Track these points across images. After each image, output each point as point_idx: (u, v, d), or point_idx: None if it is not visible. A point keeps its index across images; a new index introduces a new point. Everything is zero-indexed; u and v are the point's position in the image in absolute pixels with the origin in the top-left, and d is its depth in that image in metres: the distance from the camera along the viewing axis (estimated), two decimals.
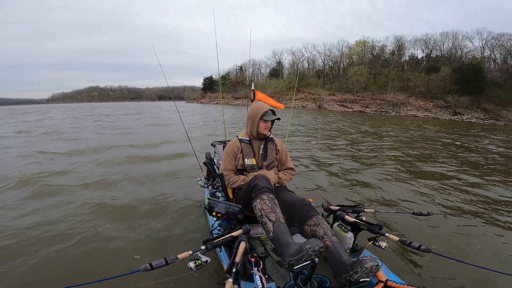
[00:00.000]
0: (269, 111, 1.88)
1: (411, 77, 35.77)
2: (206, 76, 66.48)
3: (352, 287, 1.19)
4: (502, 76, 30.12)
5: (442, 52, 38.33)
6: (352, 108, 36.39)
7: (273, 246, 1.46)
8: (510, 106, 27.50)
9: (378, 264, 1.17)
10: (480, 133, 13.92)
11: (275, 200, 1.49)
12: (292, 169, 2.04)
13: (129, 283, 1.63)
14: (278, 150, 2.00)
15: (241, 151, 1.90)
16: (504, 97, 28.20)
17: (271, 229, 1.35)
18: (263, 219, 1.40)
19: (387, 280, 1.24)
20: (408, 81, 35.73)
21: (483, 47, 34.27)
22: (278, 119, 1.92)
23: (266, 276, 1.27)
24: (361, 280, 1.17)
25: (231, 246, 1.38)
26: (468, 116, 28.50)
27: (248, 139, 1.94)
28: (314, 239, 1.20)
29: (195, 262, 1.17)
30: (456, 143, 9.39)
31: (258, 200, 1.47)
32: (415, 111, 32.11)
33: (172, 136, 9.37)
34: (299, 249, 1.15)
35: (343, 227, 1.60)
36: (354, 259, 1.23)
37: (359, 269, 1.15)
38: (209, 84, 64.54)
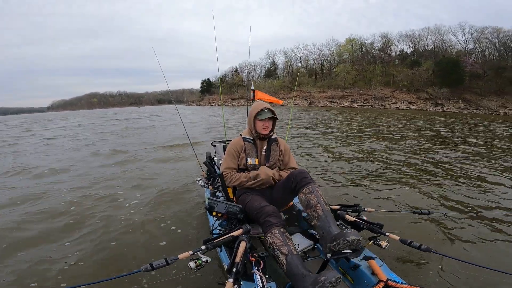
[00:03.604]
0: (265, 110, 1.82)
1: (395, 72, 37.51)
2: (203, 79, 67.81)
3: (334, 256, 1.32)
4: (481, 68, 31.45)
5: (428, 47, 39.33)
6: (340, 104, 38.23)
7: None
8: (490, 96, 29.17)
9: (359, 239, 1.25)
10: None
11: (287, 234, 1.46)
12: (295, 169, 1.98)
13: (130, 284, 1.63)
14: (281, 150, 1.95)
15: (245, 150, 1.87)
16: (485, 88, 30.06)
17: (284, 262, 1.32)
18: (275, 252, 1.37)
19: (388, 279, 1.24)
20: (393, 76, 37.43)
21: (467, 40, 35.36)
22: (275, 117, 1.85)
23: (267, 276, 1.26)
24: (342, 251, 1.27)
25: (231, 246, 1.38)
26: (449, 107, 30.00)
27: (251, 138, 1.90)
28: (329, 270, 1.22)
29: (196, 262, 1.17)
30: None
31: (269, 235, 1.44)
32: (399, 104, 33.68)
33: (173, 136, 9.40)
34: (315, 281, 1.14)
35: (343, 227, 1.60)
36: (339, 231, 1.32)
37: (341, 241, 1.24)
38: (207, 87, 65.57)
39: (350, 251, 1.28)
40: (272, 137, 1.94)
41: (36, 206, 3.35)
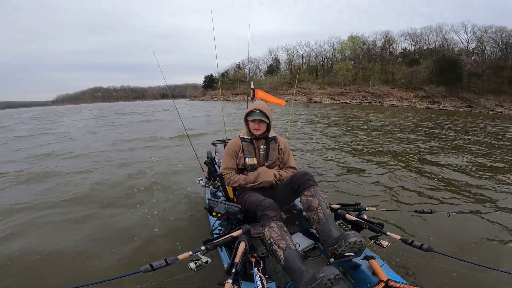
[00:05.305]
0: (256, 111, 1.80)
1: (394, 70, 37.69)
2: (206, 75, 68.42)
3: (337, 259, 1.29)
4: (480, 67, 31.43)
5: (430, 45, 39.14)
6: (339, 100, 38.60)
7: None
8: (487, 95, 29.34)
9: (361, 240, 1.25)
10: None
11: (285, 228, 1.45)
12: (294, 168, 1.97)
13: (129, 284, 1.63)
14: (281, 149, 1.94)
15: (242, 150, 1.86)
16: (483, 86, 30.19)
17: (282, 256, 1.30)
18: (273, 247, 1.35)
19: (388, 279, 1.23)
20: (392, 74, 37.63)
21: (469, 39, 35.28)
22: (268, 121, 1.83)
23: (267, 276, 1.26)
24: (345, 254, 1.26)
25: (231, 246, 1.37)
26: (445, 105, 30.27)
27: (249, 137, 1.89)
28: (328, 266, 1.17)
29: (196, 263, 1.17)
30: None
31: (266, 229, 1.43)
32: (396, 101, 33.94)
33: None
34: (313, 277, 1.11)
35: (344, 226, 1.59)
36: (340, 234, 1.31)
37: (343, 243, 1.24)
38: (210, 82, 66.31)
39: (353, 254, 1.26)
40: (271, 136, 1.93)
41: None
